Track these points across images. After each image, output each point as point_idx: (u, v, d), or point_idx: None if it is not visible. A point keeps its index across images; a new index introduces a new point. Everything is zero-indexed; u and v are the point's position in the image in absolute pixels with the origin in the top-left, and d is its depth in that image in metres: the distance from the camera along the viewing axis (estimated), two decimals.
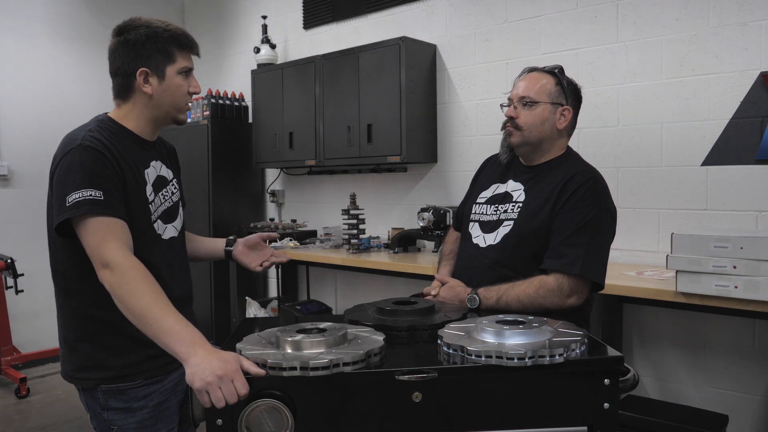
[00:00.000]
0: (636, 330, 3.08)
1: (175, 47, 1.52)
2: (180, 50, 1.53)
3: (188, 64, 1.56)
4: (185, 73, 1.55)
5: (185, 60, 1.55)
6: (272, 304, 4.76)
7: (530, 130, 1.76)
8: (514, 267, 1.72)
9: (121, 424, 1.50)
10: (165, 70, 1.52)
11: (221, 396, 1.07)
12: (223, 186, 4.68)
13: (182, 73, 1.54)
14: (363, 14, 4.27)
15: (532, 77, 1.80)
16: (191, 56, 1.58)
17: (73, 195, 1.36)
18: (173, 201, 1.64)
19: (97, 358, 1.49)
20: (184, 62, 1.55)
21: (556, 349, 1.10)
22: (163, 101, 1.54)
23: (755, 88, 2.70)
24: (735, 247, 2.10)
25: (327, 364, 1.06)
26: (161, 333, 1.22)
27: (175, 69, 1.53)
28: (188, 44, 1.55)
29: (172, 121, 1.60)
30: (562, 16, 3.31)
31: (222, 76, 5.29)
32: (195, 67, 1.61)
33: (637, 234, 3.07)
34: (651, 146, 3.03)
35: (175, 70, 1.53)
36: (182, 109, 1.58)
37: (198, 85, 1.59)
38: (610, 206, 1.73)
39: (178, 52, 1.53)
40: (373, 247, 3.90)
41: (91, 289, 1.41)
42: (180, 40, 1.53)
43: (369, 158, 3.88)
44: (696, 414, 2.62)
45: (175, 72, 1.53)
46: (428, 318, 1.41)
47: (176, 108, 1.57)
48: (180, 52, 1.53)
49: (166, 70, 1.52)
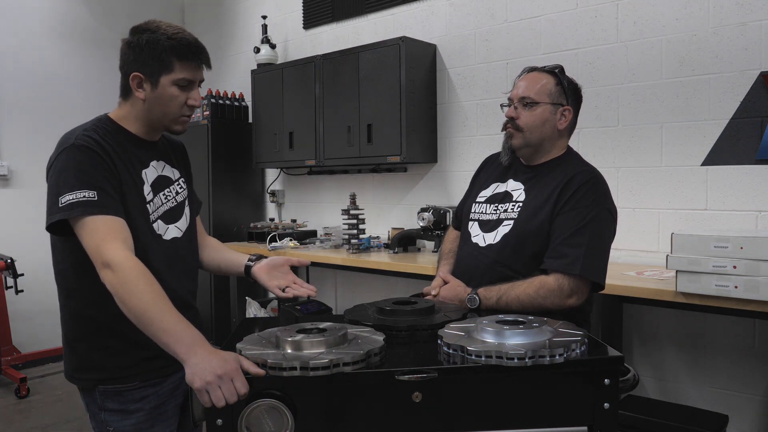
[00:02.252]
0: (636, 330, 3.08)
1: (175, 57, 1.45)
2: (181, 61, 1.46)
3: (189, 75, 1.48)
4: (184, 85, 1.48)
5: (186, 71, 1.47)
6: (272, 304, 4.75)
7: (531, 131, 1.76)
8: (514, 267, 1.72)
9: (117, 425, 1.50)
10: (159, 78, 1.46)
11: (221, 395, 1.07)
12: (223, 186, 4.68)
13: (179, 84, 1.47)
14: (363, 14, 4.27)
15: (532, 77, 1.79)
16: (198, 68, 1.51)
17: (67, 196, 1.35)
18: (177, 201, 1.62)
19: (93, 358, 1.49)
20: (184, 74, 1.47)
21: (556, 349, 1.10)
22: (155, 109, 1.50)
23: (755, 88, 2.70)
24: (735, 247, 2.10)
25: (327, 364, 1.06)
26: (161, 333, 1.22)
27: (171, 79, 1.46)
28: (191, 56, 1.47)
29: (166, 129, 1.55)
30: (562, 16, 3.31)
31: (222, 76, 5.28)
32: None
33: (637, 234, 3.06)
34: (651, 146, 3.03)
35: (170, 80, 1.46)
36: (176, 120, 1.52)
37: (198, 99, 1.52)
38: (610, 206, 1.73)
39: (179, 62, 1.46)
40: (373, 247, 3.90)
41: (89, 288, 1.41)
42: (182, 51, 1.46)
43: (369, 158, 3.88)
44: (696, 414, 2.62)
45: (170, 82, 1.46)
46: (428, 318, 1.41)
47: (168, 118, 1.51)
48: (181, 62, 1.46)
49: (160, 78, 1.46)
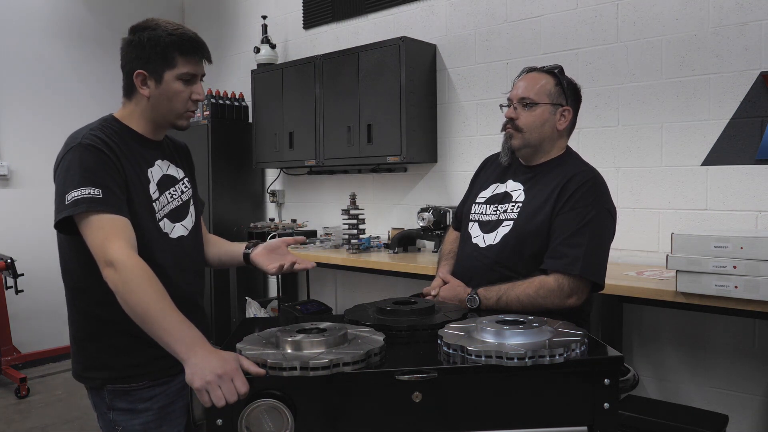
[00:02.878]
0: (636, 330, 3.08)
1: (178, 52, 1.47)
2: (183, 56, 1.48)
3: (191, 70, 1.50)
4: (188, 79, 1.50)
5: (188, 66, 1.50)
6: (272, 304, 4.76)
7: (530, 132, 1.76)
8: (514, 267, 1.72)
9: (126, 425, 1.50)
10: (163, 74, 1.48)
11: (221, 395, 1.07)
12: (223, 186, 4.68)
13: (183, 79, 1.49)
14: (363, 14, 4.27)
15: (531, 77, 1.79)
16: (200, 62, 1.53)
17: (73, 193, 1.36)
18: (183, 200, 1.62)
19: (102, 357, 1.49)
20: (187, 68, 1.49)
21: (556, 349, 1.10)
22: (160, 105, 1.51)
23: (755, 88, 2.70)
24: (735, 247, 2.10)
25: (327, 364, 1.06)
26: (162, 332, 1.23)
27: (174, 74, 1.48)
28: (192, 50, 1.50)
29: (171, 125, 1.56)
30: (562, 16, 3.31)
31: (222, 76, 5.28)
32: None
33: (637, 234, 3.06)
34: (651, 146, 3.03)
35: (174, 76, 1.48)
36: (182, 115, 1.53)
37: (202, 92, 1.54)
38: (610, 206, 1.73)
39: (181, 57, 1.48)
40: (373, 247, 3.90)
41: (97, 287, 1.41)
42: (184, 46, 1.48)
43: (369, 158, 3.88)
44: (696, 414, 2.61)
45: (173, 77, 1.48)
46: (428, 318, 1.41)
47: (174, 114, 1.53)
48: (183, 57, 1.48)
49: (164, 74, 1.48)
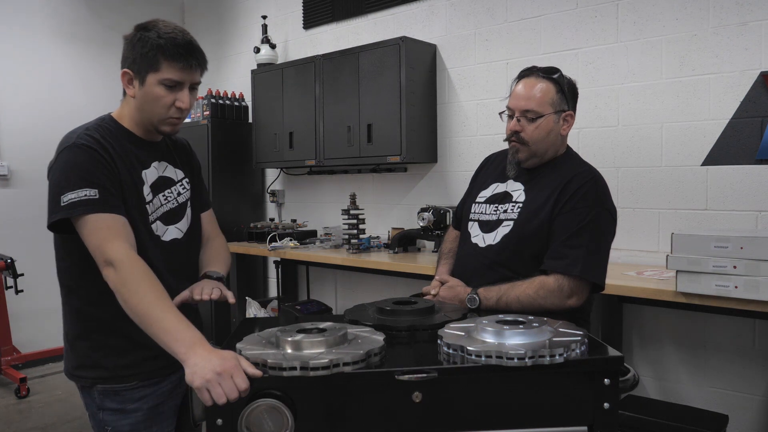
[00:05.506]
0: (636, 330, 3.08)
1: (162, 56, 1.42)
2: (168, 60, 1.43)
3: (175, 76, 1.44)
4: (171, 85, 1.45)
5: (172, 72, 1.44)
6: (272, 304, 4.76)
7: (536, 144, 1.74)
8: (513, 267, 1.71)
9: (115, 425, 1.50)
10: (146, 77, 1.44)
11: (222, 392, 1.07)
12: (223, 186, 4.68)
13: (165, 84, 1.44)
14: (363, 14, 4.27)
15: (531, 85, 1.74)
16: (187, 69, 1.46)
17: (69, 195, 1.36)
18: (178, 202, 1.61)
19: (93, 356, 1.49)
20: (170, 74, 1.44)
21: (556, 349, 1.09)
22: (143, 108, 1.48)
23: (755, 88, 2.70)
24: (735, 247, 2.10)
25: (327, 364, 1.06)
26: (161, 332, 1.23)
27: (157, 78, 1.44)
28: (178, 56, 1.43)
29: (155, 129, 1.52)
30: (562, 16, 3.31)
31: (222, 76, 5.29)
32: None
33: (637, 234, 3.06)
34: (651, 146, 3.03)
35: (156, 80, 1.44)
36: (163, 120, 1.49)
37: (187, 101, 1.48)
38: (610, 207, 1.73)
39: (166, 62, 1.43)
40: (373, 247, 3.90)
41: (91, 287, 1.41)
42: (169, 51, 1.42)
43: (369, 158, 3.88)
44: (696, 414, 2.61)
45: (156, 81, 1.44)
46: (428, 318, 1.41)
47: (156, 118, 1.49)
48: (168, 62, 1.43)
49: (147, 77, 1.44)
